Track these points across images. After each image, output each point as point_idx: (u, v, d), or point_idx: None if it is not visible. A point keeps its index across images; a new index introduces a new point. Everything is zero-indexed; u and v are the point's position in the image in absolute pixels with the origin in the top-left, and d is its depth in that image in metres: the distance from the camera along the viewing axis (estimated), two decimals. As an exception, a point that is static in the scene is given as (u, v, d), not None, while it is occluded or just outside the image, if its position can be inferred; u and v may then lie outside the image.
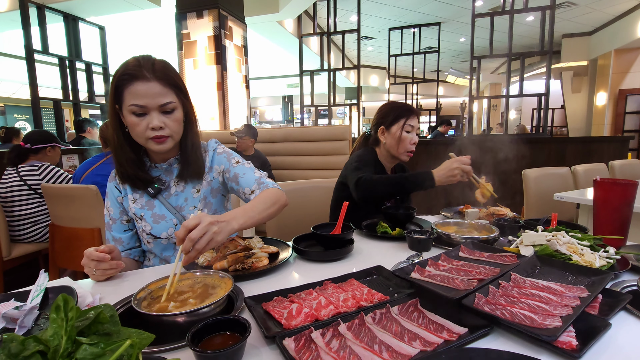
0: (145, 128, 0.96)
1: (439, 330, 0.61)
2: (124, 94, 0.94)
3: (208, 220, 0.78)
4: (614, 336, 0.61)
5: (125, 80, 0.93)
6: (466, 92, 8.59)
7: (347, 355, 0.54)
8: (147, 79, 0.94)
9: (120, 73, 0.94)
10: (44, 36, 4.53)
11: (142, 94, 0.93)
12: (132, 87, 0.93)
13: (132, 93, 0.93)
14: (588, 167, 2.73)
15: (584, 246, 0.90)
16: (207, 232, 0.77)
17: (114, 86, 0.95)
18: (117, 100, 0.96)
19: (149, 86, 0.94)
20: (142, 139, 0.99)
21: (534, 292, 0.70)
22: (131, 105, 0.94)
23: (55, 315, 0.38)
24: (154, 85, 0.94)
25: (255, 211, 0.95)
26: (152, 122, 0.96)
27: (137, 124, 0.96)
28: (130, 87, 0.93)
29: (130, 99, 0.94)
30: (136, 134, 0.98)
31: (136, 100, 0.94)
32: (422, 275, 0.79)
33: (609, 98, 8.28)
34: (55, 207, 2.20)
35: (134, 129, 0.97)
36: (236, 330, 0.59)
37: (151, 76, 0.94)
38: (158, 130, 0.97)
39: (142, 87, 0.93)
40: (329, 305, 0.69)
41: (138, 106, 0.94)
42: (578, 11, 7.55)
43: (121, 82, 0.94)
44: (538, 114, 4.70)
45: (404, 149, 1.51)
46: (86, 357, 0.36)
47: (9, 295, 0.73)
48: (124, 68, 0.94)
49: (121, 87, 0.94)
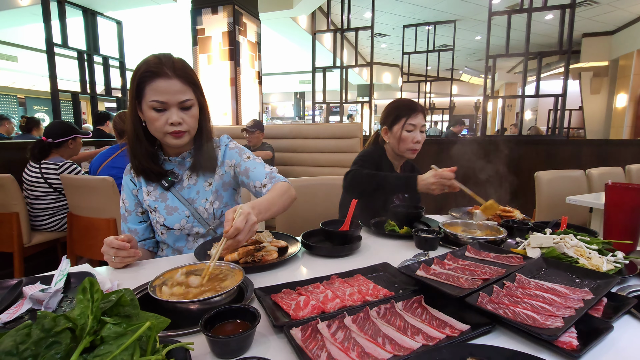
0: (164, 123, 1.00)
1: (441, 326, 0.63)
2: (145, 90, 0.98)
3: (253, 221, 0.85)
4: (617, 339, 0.62)
5: (148, 77, 0.98)
6: (480, 91, 8.46)
7: (351, 345, 0.56)
8: (169, 76, 0.98)
9: (143, 70, 0.98)
10: (64, 30, 4.65)
11: (163, 90, 0.98)
12: (154, 83, 0.97)
13: (154, 89, 0.98)
14: (603, 171, 2.68)
15: (592, 250, 0.90)
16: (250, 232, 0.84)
17: (136, 82, 0.99)
18: (137, 95, 1.00)
19: (170, 83, 0.98)
20: (160, 134, 1.03)
21: (538, 293, 0.70)
22: (152, 101, 0.98)
23: (82, 296, 0.42)
24: (175, 83, 0.99)
25: (273, 206, 1.00)
26: (171, 117, 1.00)
27: (157, 119, 1.00)
28: (152, 84, 0.98)
29: (152, 95, 0.98)
30: (155, 129, 1.02)
31: (157, 97, 0.98)
32: (428, 273, 0.81)
33: (630, 100, 8.04)
34: (73, 197, 2.28)
35: (154, 123, 1.01)
36: (246, 318, 0.61)
37: (172, 74, 0.99)
38: (177, 126, 1.01)
39: (164, 84, 0.98)
40: (336, 298, 0.72)
41: (159, 102, 0.98)
42: (599, 10, 7.34)
43: (143, 79, 0.98)
44: (554, 115, 4.60)
45: (405, 147, 1.51)
46: (110, 335, 0.39)
47: (34, 278, 0.78)
48: (146, 65, 0.98)
49: (143, 83, 0.98)
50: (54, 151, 2.47)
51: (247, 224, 0.82)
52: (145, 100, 0.99)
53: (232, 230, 0.79)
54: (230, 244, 0.82)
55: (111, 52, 5.29)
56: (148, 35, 8.41)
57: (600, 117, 9.36)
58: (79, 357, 0.37)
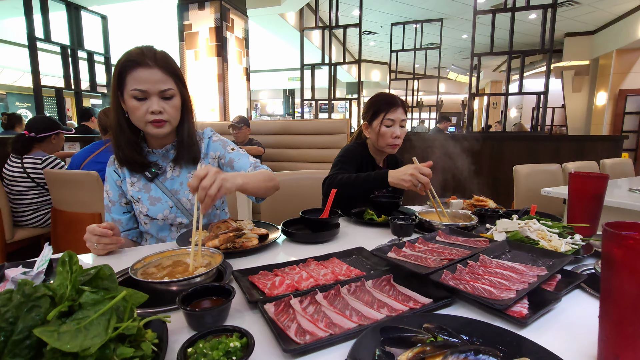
0: (145, 112, 1.02)
1: (406, 300, 0.67)
2: (126, 79, 1.00)
3: (215, 169, 0.87)
4: (565, 309, 0.68)
5: (129, 66, 1.00)
6: (467, 89, 8.62)
7: (320, 317, 0.61)
8: (149, 65, 1.00)
9: (124, 60, 1.00)
10: (47, 24, 4.55)
11: (144, 79, 1.00)
12: (135, 72, 1.00)
13: (135, 78, 1.00)
14: (579, 165, 2.79)
15: (552, 233, 0.97)
16: (217, 179, 0.85)
17: (117, 72, 1.01)
18: (119, 85, 1.02)
19: (151, 72, 1.00)
20: (141, 123, 1.05)
21: (498, 271, 0.76)
22: (133, 90, 1.00)
23: (62, 268, 0.45)
24: (155, 72, 1.01)
25: (255, 179, 1.03)
26: (152, 106, 1.02)
27: (138, 108, 1.02)
28: (133, 73, 1.00)
29: (133, 84, 1.00)
30: (136, 118, 1.04)
31: (138, 85, 1.00)
32: (398, 255, 0.85)
33: (609, 98, 8.30)
34: (57, 192, 2.26)
35: (135, 112, 1.03)
36: (222, 296, 0.65)
37: (153, 64, 1.01)
38: (157, 115, 1.03)
39: (144, 73, 1.00)
40: (309, 278, 0.76)
41: (139, 91, 1.00)
42: (581, 10, 7.54)
43: (124, 68, 1.00)
44: (537, 113, 4.73)
45: (385, 143, 1.51)
46: (88, 302, 0.42)
47: (17, 263, 0.80)
48: (127, 55, 1.01)
49: (124, 72, 1.00)
50: (37, 146, 2.45)
51: (209, 172, 0.85)
52: (126, 89, 1.01)
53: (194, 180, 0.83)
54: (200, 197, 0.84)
55: (96, 47, 5.20)
56: (134, 31, 8.29)
57: (582, 114, 9.62)
58: (57, 320, 0.40)
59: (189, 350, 0.47)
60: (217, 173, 0.87)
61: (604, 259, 0.49)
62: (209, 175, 0.84)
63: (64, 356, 0.37)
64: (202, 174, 0.84)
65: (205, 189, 0.83)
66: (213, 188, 0.84)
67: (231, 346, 0.46)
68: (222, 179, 0.87)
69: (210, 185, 0.84)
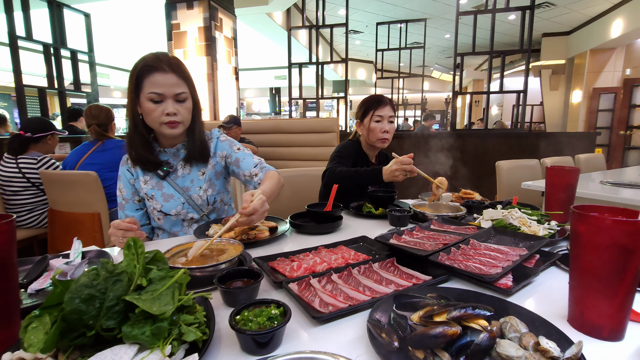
0: (160, 114, 1.10)
1: (409, 278, 0.78)
2: (143, 83, 1.08)
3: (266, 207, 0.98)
4: (543, 282, 0.80)
5: (146, 71, 1.07)
6: (451, 88, 8.87)
7: (338, 293, 0.70)
8: (165, 70, 1.08)
9: (142, 65, 1.08)
10: (28, 22, 4.46)
11: (160, 83, 1.08)
12: (152, 77, 1.07)
13: (152, 82, 1.07)
14: (555, 160, 2.98)
15: (532, 220, 1.09)
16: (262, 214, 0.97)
17: (135, 76, 1.08)
18: (136, 89, 1.09)
19: (167, 77, 1.08)
20: (156, 124, 1.12)
21: (486, 252, 0.87)
22: (150, 93, 1.08)
23: (127, 251, 0.53)
24: (171, 77, 1.09)
25: (271, 190, 1.14)
26: (167, 108, 1.10)
27: (154, 110, 1.09)
28: (150, 77, 1.07)
29: (150, 87, 1.07)
30: (152, 119, 1.11)
31: (155, 89, 1.07)
32: (399, 241, 0.96)
33: (584, 96, 8.70)
34: (54, 193, 2.27)
35: (151, 114, 1.10)
36: (250, 278, 0.74)
37: (168, 69, 1.08)
38: (172, 116, 1.11)
39: (161, 77, 1.08)
40: (323, 262, 0.85)
41: (156, 94, 1.08)
42: (557, 11, 7.87)
43: (142, 73, 1.07)
44: (517, 110, 4.96)
45: (375, 137, 1.66)
46: (156, 277, 0.51)
47: (57, 255, 0.87)
48: (144, 61, 1.08)
49: (141, 77, 1.08)
50: (32, 146, 2.45)
51: (262, 207, 0.95)
52: (143, 92, 1.08)
53: (250, 209, 0.92)
54: (243, 221, 0.93)
55: (79, 46, 5.11)
56: (119, 29, 8.14)
57: (559, 111, 10.04)
58: (135, 292, 0.48)
59: (237, 317, 0.55)
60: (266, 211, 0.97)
61: (571, 234, 0.61)
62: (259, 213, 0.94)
63: (146, 319, 0.46)
64: (258, 206, 0.93)
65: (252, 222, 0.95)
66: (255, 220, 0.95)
67: (272, 313, 0.56)
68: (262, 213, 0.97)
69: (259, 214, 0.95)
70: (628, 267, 0.55)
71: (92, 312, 0.44)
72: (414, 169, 1.32)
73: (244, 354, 0.54)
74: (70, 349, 0.44)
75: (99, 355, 0.43)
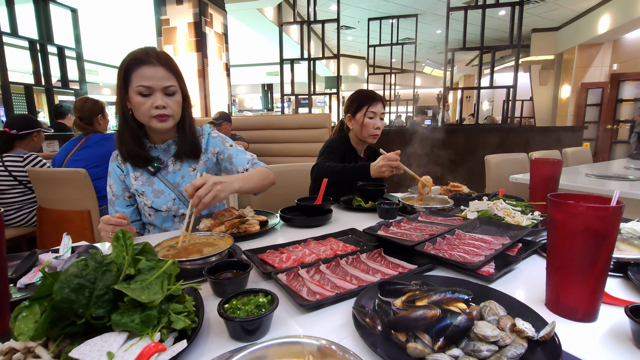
0: (149, 107, 1.10)
1: (395, 267, 0.80)
2: (131, 76, 1.08)
3: (212, 180, 0.96)
4: (525, 269, 0.82)
5: (134, 64, 1.07)
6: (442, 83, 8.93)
7: (325, 282, 0.72)
8: (154, 64, 1.08)
9: (130, 59, 1.08)
10: (13, 18, 4.36)
11: (149, 76, 1.08)
12: (140, 70, 1.07)
13: (140, 75, 1.07)
14: (544, 153, 3.03)
15: (516, 211, 1.12)
16: (212, 190, 0.95)
17: (123, 70, 1.08)
18: (124, 83, 1.09)
19: (155, 70, 1.08)
20: (146, 118, 1.12)
21: (470, 242, 0.90)
22: (138, 86, 1.07)
23: (116, 243, 0.53)
24: (159, 70, 1.09)
25: (252, 179, 1.13)
26: (156, 101, 1.10)
27: (143, 103, 1.09)
28: (139, 71, 1.07)
29: (138, 81, 1.07)
30: (141, 113, 1.11)
31: (143, 82, 1.08)
32: (387, 232, 0.98)
33: (572, 91, 8.84)
34: (43, 191, 2.25)
35: (140, 108, 1.10)
36: (239, 269, 0.75)
37: (157, 62, 1.09)
38: (161, 109, 1.11)
39: (149, 70, 1.08)
40: (312, 254, 0.87)
41: (145, 87, 1.08)
42: (546, 7, 7.95)
43: (130, 66, 1.07)
44: (507, 105, 5.02)
45: (367, 133, 1.68)
46: (145, 267, 0.52)
47: (46, 250, 0.87)
48: (132, 55, 1.08)
49: (130, 70, 1.07)
50: (17, 144, 2.42)
51: (207, 183, 0.94)
52: (132, 86, 1.08)
53: (190, 188, 0.92)
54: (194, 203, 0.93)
55: (67, 42, 5.02)
56: (108, 25, 8.00)
57: (548, 106, 10.18)
58: (124, 282, 0.49)
59: (226, 306, 0.57)
60: (214, 184, 0.95)
61: (548, 221, 0.63)
62: (205, 186, 0.94)
63: (135, 307, 0.47)
64: (198, 183, 0.93)
65: (199, 197, 0.93)
66: (207, 197, 0.94)
67: (260, 301, 0.57)
68: (217, 190, 0.96)
69: (205, 194, 0.93)
70: (600, 251, 0.57)
71: (81, 301, 0.45)
72: (400, 165, 1.34)
73: (232, 341, 0.55)
74: (61, 337, 0.45)
75: (89, 342, 0.44)
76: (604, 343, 0.55)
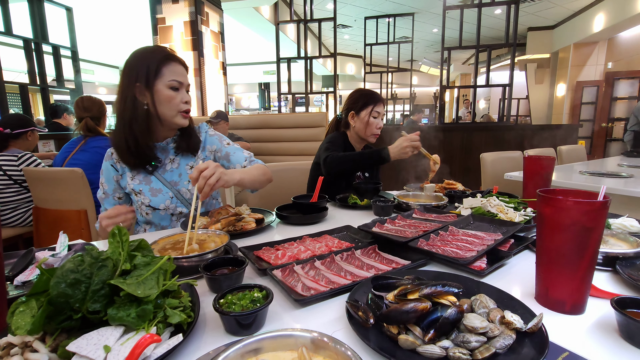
0: (179, 101, 1.15)
1: (389, 263, 0.81)
2: (163, 70, 1.11)
3: (215, 164, 0.99)
4: (517, 264, 0.84)
5: (167, 59, 1.12)
6: (438, 82, 8.97)
7: (320, 278, 0.73)
8: (180, 62, 1.15)
9: (162, 54, 1.12)
10: (7, 16, 4.33)
11: (179, 72, 1.14)
12: (172, 66, 1.13)
13: (172, 71, 1.13)
14: (538, 151, 3.06)
15: (509, 207, 1.14)
16: (216, 172, 0.97)
17: (156, 64, 1.10)
18: (152, 76, 1.10)
19: (181, 68, 1.16)
20: (173, 112, 1.15)
21: (463, 238, 0.91)
22: (172, 80, 1.12)
23: (112, 239, 0.54)
24: (183, 68, 1.16)
25: (251, 173, 1.16)
26: (185, 97, 1.16)
27: (174, 97, 1.14)
28: (170, 66, 1.13)
29: (171, 75, 1.12)
30: (171, 106, 1.14)
31: (176, 77, 1.13)
32: (381, 229, 0.99)
33: (568, 89, 8.88)
34: (39, 190, 2.24)
35: (171, 101, 1.13)
36: (235, 266, 0.76)
37: (180, 61, 1.16)
38: (188, 105, 1.17)
39: (179, 67, 1.15)
40: (307, 251, 0.88)
41: (178, 82, 1.13)
42: (541, 6, 7.99)
43: (162, 61, 1.11)
44: (503, 104, 5.04)
45: (370, 132, 1.70)
46: (140, 263, 0.52)
47: (43, 248, 0.87)
48: (162, 50, 1.13)
49: (162, 64, 1.11)
50: (12, 143, 2.41)
51: (210, 165, 0.96)
52: (162, 79, 1.12)
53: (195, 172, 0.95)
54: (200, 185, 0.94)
55: (62, 41, 4.99)
56: (104, 24, 7.95)
57: (544, 105, 10.23)
58: (120, 277, 0.50)
59: (221, 301, 0.58)
60: (217, 167, 0.99)
61: (538, 216, 0.64)
62: (209, 168, 0.97)
63: (131, 302, 0.48)
64: (203, 166, 0.96)
65: (205, 178, 0.95)
66: (212, 178, 0.96)
67: (255, 296, 0.58)
68: (221, 172, 0.99)
69: (210, 176, 0.96)
70: (587, 245, 0.59)
71: (78, 295, 0.45)
72: (419, 145, 1.44)
73: (228, 335, 0.56)
74: (58, 331, 0.46)
75: (85, 336, 0.45)
76: (590, 334, 0.56)
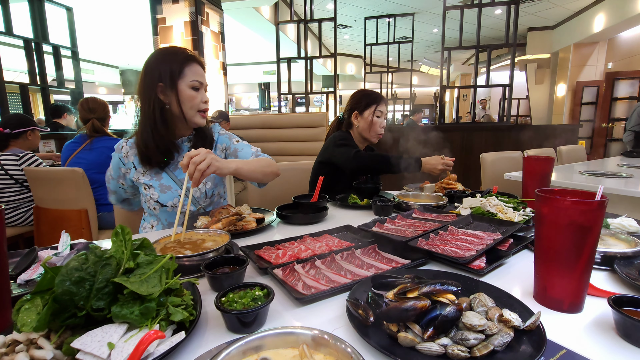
0: (200, 101, 1.18)
1: (389, 262, 0.82)
2: (185, 71, 1.14)
3: (207, 150, 0.99)
4: (515, 264, 0.84)
5: (190, 60, 1.16)
6: (439, 82, 8.98)
7: (320, 277, 0.74)
8: (200, 63, 1.19)
9: (184, 55, 1.15)
10: (7, 16, 4.34)
11: (200, 73, 1.18)
12: (193, 67, 1.16)
13: (194, 72, 1.16)
14: (538, 151, 3.06)
15: (508, 207, 1.14)
16: (207, 157, 0.97)
17: (179, 64, 1.13)
18: (176, 76, 1.13)
19: (201, 69, 1.19)
20: (193, 111, 1.18)
21: (463, 237, 0.92)
22: (194, 81, 1.16)
23: (115, 238, 0.55)
24: (202, 70, 1.20)
25: (250, 164, 1.17)
26: (204, 97, 1.19)
27: (195, 97, 1.17)
28: (192, 67, 1.16)
29: (193, 76, 1.15)
30: (192, 105, 1.17)
31: (198, 77, 1.17)
32: (381, 228, 1.00)
33: (568, 89, 8.89)
34: (40, 190, 2.25)
35: (192, 100, 1.17)
36: (236, 265, 0.76)
37: (200, 62, 1.20)
38: (206, 104, 1.20)
39: (199, 68, 1.18)
40: (307, 250, 0.89)
41: (199, 82, 1.17)
42: (541, 6, 7.99)
43: (185, 62, 1.14)
44: (503, 104, 5.05)
45: (374, 132, 1.71)
46: (143, 262, 0.53)
47: (45, 247, 0.88)
48: (183, 51, 1.15)
49: (184, 64, 1.14)
50: (12, 142, 2.42)
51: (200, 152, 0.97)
52: (185, 79, 1.15)
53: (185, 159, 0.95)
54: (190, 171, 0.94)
55: (62, 41, 5.00)
56: (104, 24, 7.96)
57: (544, 105, 10.24)
58: (123, 275, 0.50)
59: (223, 299, 0.58)
60: (208, 153, 0.99)
61: (536, 216, 0.65)
62: (200, 154, 0.97)
63: (134, 299, 0.48)
64: (193, 153, 0.97)
65: (195, 164, 0.95)
66: (203, 164, 0.96)
67: (256, 294, 0.59)
68: (212, 158, 0.99)
69: (201, 162, 0.96)
70: (585, 244, 0.59)
71: (82, 293, 0.46)
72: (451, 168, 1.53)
73: (229, 333, 0.57)
74: (62, 328, 0.47)
75: (90, 333, 0.45)
76: (588, 332, 0.57)
